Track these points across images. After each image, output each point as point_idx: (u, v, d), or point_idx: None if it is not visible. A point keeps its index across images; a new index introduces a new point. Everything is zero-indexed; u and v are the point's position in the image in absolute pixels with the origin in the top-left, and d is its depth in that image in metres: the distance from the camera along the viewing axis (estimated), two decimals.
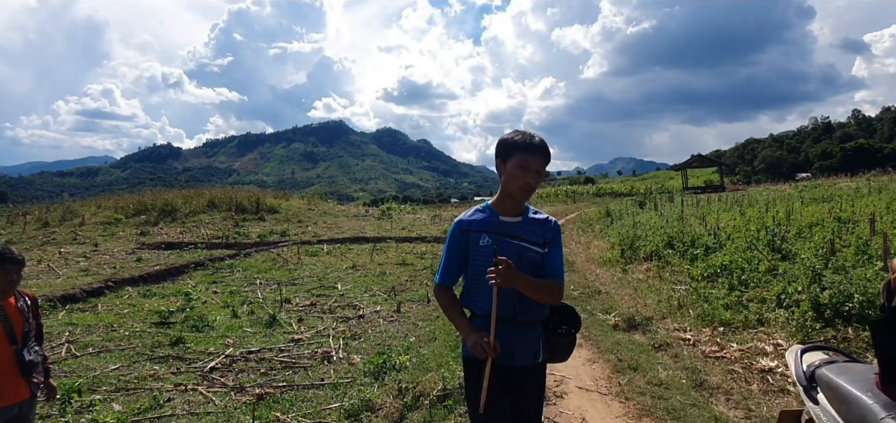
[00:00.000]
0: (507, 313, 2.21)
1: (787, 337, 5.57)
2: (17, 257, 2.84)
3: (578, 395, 4.53)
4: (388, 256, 14.53)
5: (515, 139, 2.21)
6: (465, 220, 2.33)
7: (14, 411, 2.81)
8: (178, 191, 28.74)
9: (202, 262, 13.29)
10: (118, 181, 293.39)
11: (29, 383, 2.83)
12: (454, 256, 2.31)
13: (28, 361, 2.79)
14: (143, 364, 5.31)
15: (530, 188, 2.18)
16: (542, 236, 2.24)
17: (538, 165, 2.19)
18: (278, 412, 4.12)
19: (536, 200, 51.96)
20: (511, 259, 2.11)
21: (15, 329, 2.80)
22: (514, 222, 2.25)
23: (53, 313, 7.56)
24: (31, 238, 18.48)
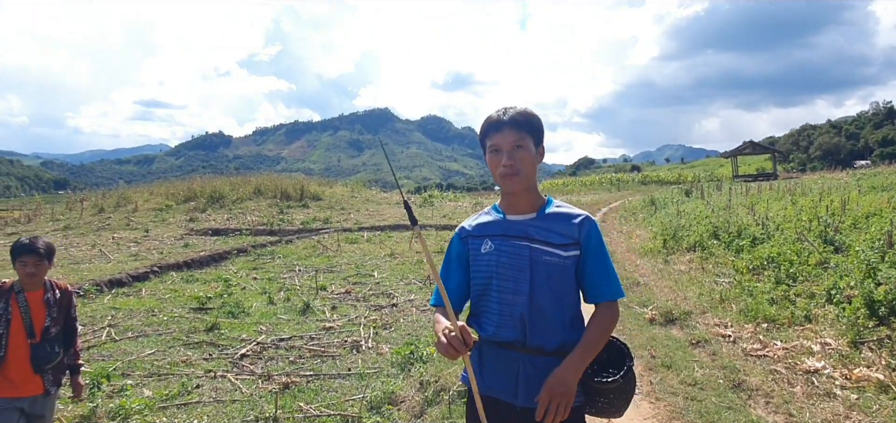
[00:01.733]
0: (513, 335, 1.77)
1: (837, 336, 5.22)
2: (34, 248, 2.76)
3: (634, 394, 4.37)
4: (428, 243, 14.59)
5: (483, 125, 1.83)
6: (467, 226, 1.94)
7: (24, 403, 2.75)
8: (225, 178, 29.64)
9: (245, 248, 13.67)
10: (172, 169, 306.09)
11: (43, 379, 2.77)
12: (453, 270, 1.90)
13: (42, 356, 2.74)
14: (178, 350, 5.47)
15: (512, 171, 1.75)
16: (566, 235, 1.76)
17: (512, 140, 1.75)
18: (302, 402, 4.16)
19: (579, 187, 51.11)
20: (522, 267, 1.74)
21: (35, 322, 2.75)
22: (526, 220, 1.81)
23: (99, 298, 7.92)
24: (87, 223, 19.45)
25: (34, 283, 2.78)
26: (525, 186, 1.79)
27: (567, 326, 1.78)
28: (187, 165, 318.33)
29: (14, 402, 2.70)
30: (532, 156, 1.78)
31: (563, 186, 50.61)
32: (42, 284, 2.83)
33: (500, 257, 1.79)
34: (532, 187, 1.83)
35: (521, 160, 1.76)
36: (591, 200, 31.12)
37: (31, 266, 2.74)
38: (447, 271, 1.93)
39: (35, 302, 2.77)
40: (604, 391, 1.75)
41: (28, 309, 2.74)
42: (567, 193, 42.87)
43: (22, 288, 2.76)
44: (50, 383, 2.81)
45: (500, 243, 1.81)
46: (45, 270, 2.81)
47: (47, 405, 2.86)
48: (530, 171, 1.78)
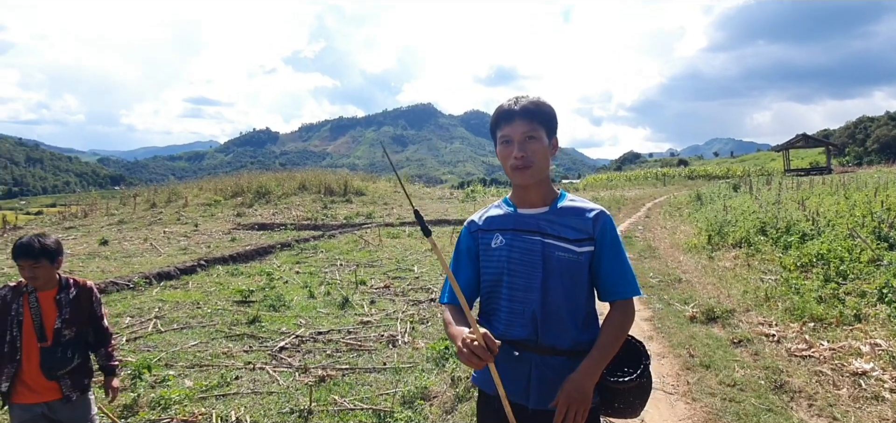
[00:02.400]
0: (524, 333, 1.72)
1: (888, 336, 4.95)
2: (28, 249, 2.53)
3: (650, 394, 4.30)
4: None
5: (493, 115, 1.79)
6: (477, 219, 1.88)
7: (38, 410, 2.59)
8: (271, 174, 30.49)
9: (289, 243, 14.03)
10: (222, 165, 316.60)
11: (60, 384, 2.59)
12: (462, 265, 1.84)
13: (53, 361, 2.56)
14: (220, 342, 5.68)
15: (523, 163, 1.69)
16: (580, 230, 1.71)
17: (523, 131, 1.69)
18: (337, 395, 4.25)
19: (624, 182, 50.02)
20: (534, 263, 1.69)
21: (46, 324, 2.57)
22: (538, 214, 1.76)
23: (148, 290, 8.30)
24: (139, 218, 20.38)
25: (40, 284, 2.59)
26: (537, 178, 1.74)
27: (580, 324, 1.73)
28: (236, 162, 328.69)
29: (32, 408, 2.58)
30: (544, 148, 1.73)
31: (606, 181, 49.65)
32: (55, 282, 2.65)
33: (511, 252, 1.74)
34: (544, 180, 1.78)
35: (533, 152, 1.70)
36: (635, 196, 30.44)
37: (27, 269, 2.54)
38: (457, 266, 1.87)
39: (47, 302, 2.60)
40: (620, 392, 1.71)
41: (39, 310, 2.57)
42: (611, 188, 42.01)
43: (35, 288, 2.61)
44: (68, 388, 2.60)
45: (512, 238, 1.75)
46: (46, 271, 2.57)
47: (70, 411, 2.64)
48: (543, 163, 1.73)
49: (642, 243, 12.64)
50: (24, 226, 22.08)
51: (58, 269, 2.64)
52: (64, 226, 20.58)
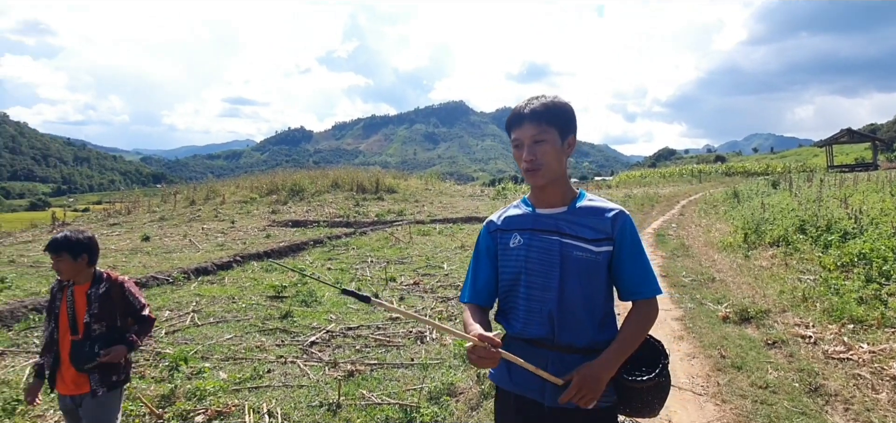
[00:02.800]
0: (541, 332, 1.74)
1: None
2: (53, 245, 2.65)
3: (670, 394, 4.24)
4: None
5: (507, 119, 1.81)
6: (495, 219, 1.90)
7: (68, 402, 2.72)
8: (305, 172, 31.02)
9: (321, 239, 14.28)
10: (258, 163, 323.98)
11: (90, 378, 2.67)
12: (481, 264, 1.87)
13: (81, 354, 2.64)
14: (253, 336, 5.85)
15: (533, 166, 1.72)
16: (599, 230, 1.72)
17: (532, 134, 1.70)
18: (365, 390, 4.34)
19: (658, 178, 49.05)
20: (552, 263, 1.71)
21: (78, 318, 2.66)
22: (557, 214, 1.76)
23: (186, 285, 8.59)
24: (179, 215, 21.03)
25: (65, 277, 2.71)
26: (549, 179, 1.75)
27: (598, 324, 1.74)
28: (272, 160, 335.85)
29: (66, 399, 2.72)
30: (556, 149, 1.73)
31: (640, 178, 48.77)
32: (88, 277, 2.73)
33: (529, 251, 1.76)
34: (560, 180, 1.78)
35: (543, 154, 1.71)
36: (669, 193, 29.83)
37: (54, 263, 2.67)
38: (476, 265, 1.90)
39: (80, 297, 2.69)
40: (638, 391, 1.70)
41: (73, 304, 2.68)
42: (644, 185, 41.24)
43: (71, 282, 2.72)
44: (96, 383, 2.67)
45: (530, 238, 1.77)
46: (68, 264, 2.66)
47: (99, 407, 2.70)
48: (554, 164, 1.73)
49: (675, 242, 12.40)
50: (71, 222, 23.09)
51: (84, 265, 2.70)
52: (108, 223, 21.42)
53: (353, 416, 3.85)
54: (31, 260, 11.00)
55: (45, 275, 8.92)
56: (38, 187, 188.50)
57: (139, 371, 4.73)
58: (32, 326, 6.29)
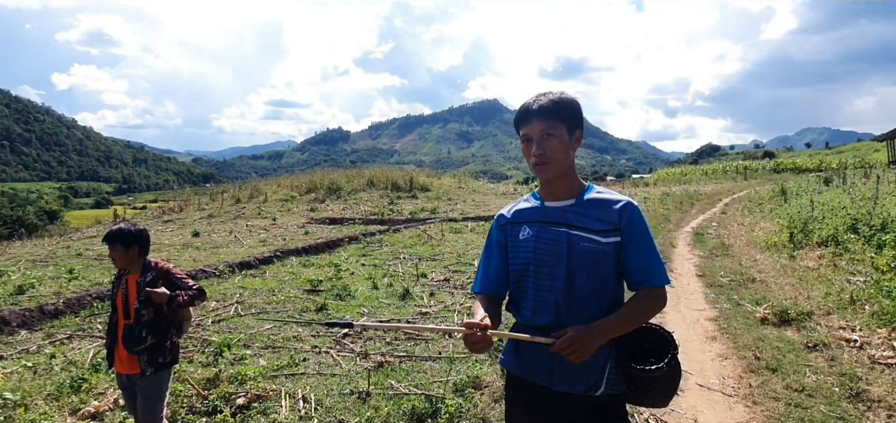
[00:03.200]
0: (548, 320, 1.77)
1: None
2: (108, 236, 2.89)
3: (697, 393, 4.18)
4: None
5: (516, 115, 1.86)
6: (506, 212, 1.96)
7: (124, 380, 2.99)
8: (342, 171, 31.65)
9: (356, 236, 14.57)
10: (299, 163, 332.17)
11: (139, 359, 2.89)
12: (492, 256, 1.94)
13: (131, 337, 2.86)
14: (291, 326, 6.06)
15: (542, 159, 1.76)
16: (606, 222, 1.74)
17: (541, 129, 1.75)
18: (393, 380, 4.44)
19: (700, 176, 47.61)
20: (559, 253, 1.74)
21: (130, 304, 2.90)
22: (565, 206, 1.80)
23: (231, 278, 8.95)
24: (226, 212, 21.79)
25: (130, 265, 2.95)
26: (558, 172, 1.79)
27: (604, 313, 1.75)
28: (311, 160, 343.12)
29: (123, 377, 2.98)
30: (564, 143, 1.77)
31: (680, 176, 47.43)
32: (139, 267, 2.96)
33: (537, 243, 1.80)
34: (568, 173, 1.82)
35: (551, 149, 1.76)
36: (711, 191, 29.00)
37: (111, 253, 2.93)
38: (487, 257, 1.96)
39: (132, 285, 2.93)
40: (647, 381, 1.71)
41: (126, 291, 2.93)
42: (684, 182, 40.18)
43: (127, 271, 2.97)
44: (145, 364, 2.89)
45: (538, 230, 1.81)
46: (120, 254, 2.90)
47: (149, 385, 2.92)
48: (562, 158, 1.77)
49: (715, 241, 12.08)
50: (129, 219, 24.26)
51: (135, 255, 2.93)
52: (163, 219, 22.42)
53: (381, 404, 3.95)
54: (96, 253, 11.73)
55: (108, 267, 9.46)
56: (102, 187, 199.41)
57: (188, 356, 5.03)
58: (96, 313, 6.78)
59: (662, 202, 22.75)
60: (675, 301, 7.07)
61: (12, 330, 6.21)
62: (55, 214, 46.70)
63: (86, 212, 64.25)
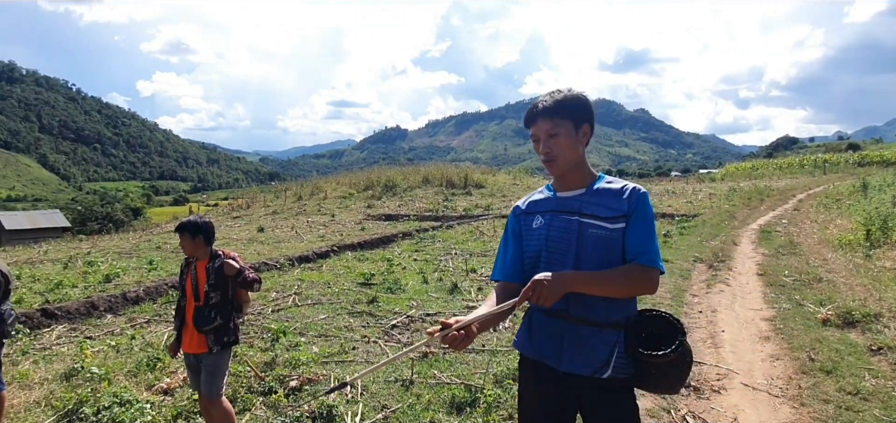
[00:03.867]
0: (558, 304, 1.81)
1: None
2: (180, 226, 3.20)
3: (741, 393, 4.09)
4: None
5: (525, 115, 1.95)
6: (521, 204, 2.06)
7: (192, 359, 3.28)
8: (398, 169, 32.27)
9: (410, 232, 14.89)
10: (358, 161, 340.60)
11: (207, 338, 3.16)
12: (509, 245, 2.03)
13: (201, 318, 3.15)
14: (343, 317, 6.36)
15: (549, 157, 1.86)
16: (614, 209, 1.82)
17: (546, 129, 1.85)
18: (437, 370, 4.61)
19: (773, 170, 44.98)
20: (569, 240, 1.83)
21: (199, 288, 3.19)
22: (575, 196, 1.89)
23: (291, 271, 9.44)
24: (288, 209, 22.76)
25: (188, 252, 3.27)
26: (565, 168, 1.88)
27: (613, 301, 1.81)
28: (370, 158, 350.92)
29: (190, 357, 3.28)
30: (570, 140, 1.85)
31: (751, 170, 44.96)
32: (206, 254, 3.25)
33: (549, 231, 1.89)
34: (577, 166, 1.89)
35: (557, 146, 1.85)
36: (784, 186, 27.43)
37: (181, 241, 3.25)
38: (505, 246, 2.06)
39: (201, 271, 3.23)
40: (654, 366, 1.76)
41: (196, 276, 3.23)
42: (755, 177, 38.16)
43: (195, 259, 3.28)
44: (212, 342, 3.17)
45: (551, 219, 1.90)
46: (189, 243, 3.20)
47: (213, 362, 3.21)
48: (568, 154, 1.86)
49: (782, 239, 11.50)
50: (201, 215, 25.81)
51: (202, 243, 3.23)
52: (232, 216, 23.73)
53: (423, 392, 4.13)
54: (173, 247, 12.73)
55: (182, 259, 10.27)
56: (180, 186, 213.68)
57: (249, 341, 5.41)
58: (172, 300, 7.37)
59: (728, 198, 21.78)
60: (731, 300, 6.87)
61: (100, 314, 6.90)
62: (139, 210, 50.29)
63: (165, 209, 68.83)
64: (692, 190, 28.07)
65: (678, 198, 23.65)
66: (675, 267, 9.12)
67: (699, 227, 14.32)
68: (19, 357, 5.22)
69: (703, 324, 5.94)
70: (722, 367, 4.53)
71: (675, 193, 26.28)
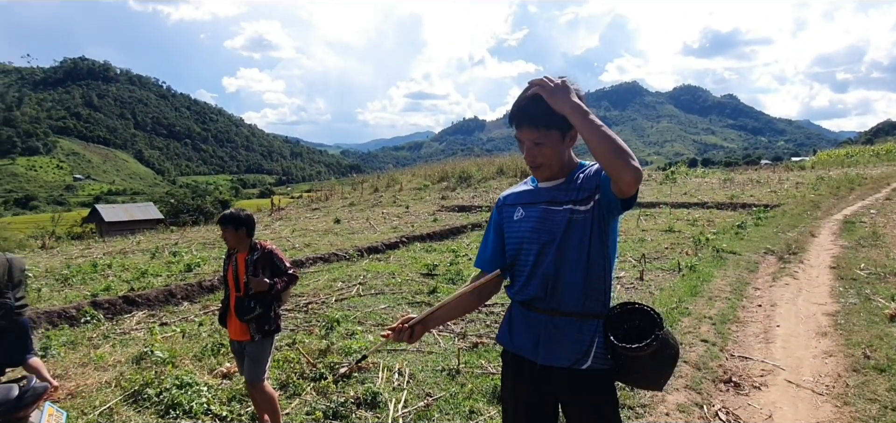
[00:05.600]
0: (533, 294, 1.87)
1: None
2: (221, 219, 3.35)
3: (782, 389, 4.02)
4: (656, 222, 14.15)
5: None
6: (504, 195, 2.07)
7: (236, 346, 3.48)
8: (473, 160, 32.57)
9: (480, 223, 15.17)
10: (436, 153, 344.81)
11: (249, 327, 3.33)
12: (491, 235, 2.06)
13: (242, 308, 3.32)
14: (402, 306, 6.75)
15: (535, 165, 1.87)
16: (586, 190, 1.81)
17: (532, 137, 1.82)
18: (484, 360, 4.79)
19: (869, 157, 40.70)
20: (547, 230, 1.84)
21: (239, 279, 3.35)
22: (554, 186, 1.89)
23: (359, 261, 10.03)
24: (365, 201, 23.74)
25: (230, 245, 3.42)
26: (552, 172, 1.89)
27: (589, 289, 1.83)
28: (448, 150, 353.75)
29: (235, 343, 3.49)
30: (556, 147, 1.83)
31: (844, 158, 40.81)
32: (247, 246, 3.39)
33: (527, 222, 1.91)
34: (562, 164, 1.88)
35: (542, 155, 1.84)
36: (879, 174, 24.96)
37: (223, 233, 3.41)
38: (486, 237, 2.09)
39: (241, 262, 3.37)
40: (630, 359, 1.77)
41: (236, 268, 3.38)
42: (847, 165, 34.82)
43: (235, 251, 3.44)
44: (254, 331, 3.35)
45: (530, 210, 1.92)
46: (231, 235, 3.34)
47: (256, 350, 3.39)
48: (554, 160, 1.86)
49: (866, 230, 10.67)
50: (284, 207, 27.53)
51: (244, 235, 3.40)
52: (311, 207, 25.10)
53: (468, 381, 4.33)
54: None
55: None
56: (265, 179, 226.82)
57: (309, 329, 5.90)
58: None
59: (815, 188, 20.29)
60: (795, 294, 6.59)
61: (177, 301, 7.62)
62: (227, 203, 54.18)
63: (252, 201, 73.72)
64: (778, 179, 26.34)
65: (762, 187, 22.31)
66: (741, 259, 8.79)
67: (778, 217, 13.56)
68: (101, 341, 5.83)
69: (759, 318, 5.78)
70: (768, 362, 4.46)
71: (759, 183, 24.79)
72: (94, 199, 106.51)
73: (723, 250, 9.37)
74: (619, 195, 1.71)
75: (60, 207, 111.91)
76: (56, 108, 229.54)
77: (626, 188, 1.65)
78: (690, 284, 7.19)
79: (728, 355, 4.73)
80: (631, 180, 1.61)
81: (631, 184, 1.62)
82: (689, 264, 8.31)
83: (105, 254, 12.59)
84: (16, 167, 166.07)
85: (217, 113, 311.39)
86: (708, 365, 4.47)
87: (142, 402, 4.06)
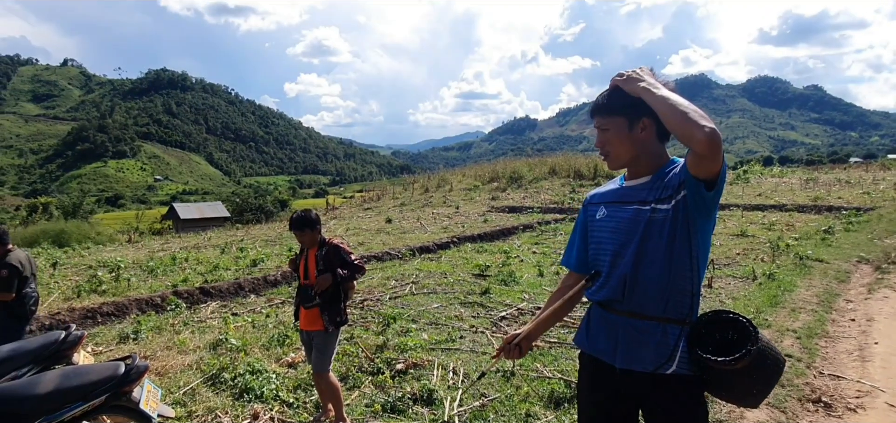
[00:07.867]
0: (612, 295, 1.82)
1: None
2: (292, 221, 3.63)
3: (882, 413, 3.57)
4: (725, 225, 13.41)
5: None
6: (590, 194, 2.05)
7: (305, 336, 3.73)
8: (523, 160, 32.17)
9: (532, 224, 14.85)
10: (486, 153, 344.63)
11: (323, 318, 3.54)
12: (576, 236, 2.05)
13: (304, 296, 3.55)
14: (455, 307, 6.60)
15: (602, 152, 1.88)
16: (671, 187, 1.72)
17: (600, 124, 1.86)
18: (540, 363, 4.62)
19: None
20: (628, 231, 1.78)
21: (310, 273, 3.60)
22: (640, 185, 1.83)
23: (411, 260, 9.95)
24: (415, 201, 23.80)
25: (306, 244, 3.67)
26: (620, 163, 1.87)
27: (672, 292, 1.73)
28: (498, 149, 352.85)
29: (305, 333, 3.72)
30: (622, 135, 1.81)
31: None
32: (316, 243, 3.65)
33: (609, 222, 1.87)
34: (642, 156, 1.82)
35: (609, 143, 1.85)
36: None
37: (297, 235, 3.64)
38: (572, 237, 2.09)
39: (311, 258, 3.64)
40: (716, 372, 1.67)
41: (308, 262, 3.65)
42: None
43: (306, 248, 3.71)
44: (327, 322, 3.56)
45: (613, 210, 1.87)
46: (306, 236, 3.60)
47: (324, 340, 3.59)
48: (621, 149, 1.83)
49: None
50: (338, 207, 28.04)
51: (316, 234, 3.65)
52: (364, 207, 25.44)
53: (523, 384, 4.18)
54: None
55: None
56: (320, 179, 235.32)
57: (365, 325, 5.86)
58: None
59: None
60: (894, 308, 5.98)
61: (245, 294, 7.96)
62: (285, 202, 56.21)
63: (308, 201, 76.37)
64: (871, 179, 24.41)
65: (852, 188, 20.77)
66: (830, 268, 8.12)
67: (872, 222, 12.55)
68: (181, 327, 6.18)
69: (853, 334, 5.26)
70: (864, 383, 4.00)
71: (849, 183, 23.08)
72: (172, 198, 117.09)
73: (807, 258, 8.71)
74: (700, 175, 1.62)
75: (143, 205, 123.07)
76: (141, 115, 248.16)
77: (701, 151, 1.56)
78: (769, 293, 6.68)
79: (816, 372, 4.30)
80: (703, 139, 1.54)
81: (703, 144, 1.54)
82: (766, 271, 7.75)
83: (181, 248, 13.51)
84: (107, 169, 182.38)
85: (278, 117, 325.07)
86: (793, 382, 4.07)
87: (219, 384, 4.33)
